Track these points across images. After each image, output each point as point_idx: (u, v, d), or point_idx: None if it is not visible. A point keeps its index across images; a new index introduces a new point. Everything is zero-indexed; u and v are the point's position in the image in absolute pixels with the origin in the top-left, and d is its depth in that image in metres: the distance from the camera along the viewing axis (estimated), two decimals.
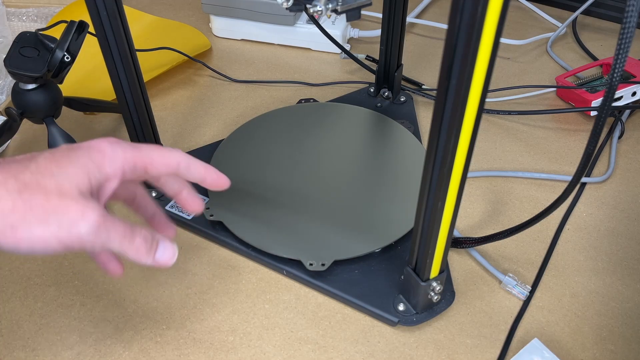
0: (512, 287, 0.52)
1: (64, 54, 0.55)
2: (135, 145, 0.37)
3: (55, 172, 0.33)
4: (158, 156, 0.38)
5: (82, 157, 0.34)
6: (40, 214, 0.31)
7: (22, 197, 0.31)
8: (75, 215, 0.32)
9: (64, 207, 0.32)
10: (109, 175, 0.35)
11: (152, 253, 0.36)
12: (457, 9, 0.30)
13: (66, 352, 0.47)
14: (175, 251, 0.38)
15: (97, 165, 0.35)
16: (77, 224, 0.32)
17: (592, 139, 0.37)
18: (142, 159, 0.37)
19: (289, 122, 0.68)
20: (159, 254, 0.37)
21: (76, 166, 0.34)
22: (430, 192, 0.40)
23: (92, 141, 0.36)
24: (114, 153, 0.35)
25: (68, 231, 0.32)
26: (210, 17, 0.87)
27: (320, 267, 0.51)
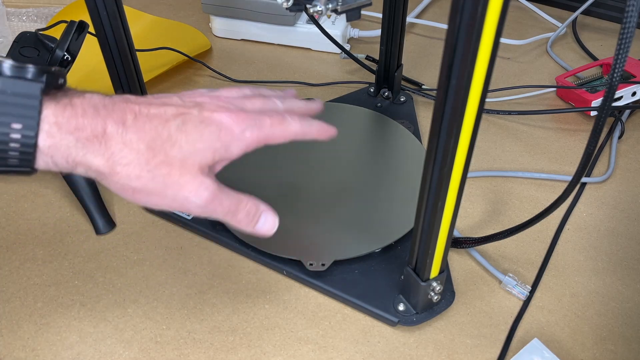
0: (512, 287, 0.52)
1: (64, 54, 0.55)
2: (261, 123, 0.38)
3: (183, 145, 0.35)
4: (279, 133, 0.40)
5: (212, 135, 0.36)
6: (160, 186, 0.35)
7: (149, 166, 0.34)
8: (190, 192, 0.35)
9: (182, 183, 0.35)
10: (233, 156, 0.38)
11: (252, 224, 0.40)
12: (457, 9, 0.30)
13: (66, 352, 0.47)
14: (276, 222, 0.41)
15: (224, 146, 0.37)
16: (189, 200, 0.35)
17: (592, 139, 0.37)
18: (265, 138, 0.39)
19: None
20: (259, 224, 0.40)
21: (204, 143, 0.36)
22: (430, 192, 0.40)
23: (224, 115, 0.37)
24: (242, 136, 0.37)
25: (180, 204, 0.36)
26: (210, 17, 0.87)
27: (320, 267, 0.51)
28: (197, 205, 0.36)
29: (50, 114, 0.31)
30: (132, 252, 0.56)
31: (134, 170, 0.34)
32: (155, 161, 0.34)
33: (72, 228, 0.58)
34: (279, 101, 0.43)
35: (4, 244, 0.56)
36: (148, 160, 0.34)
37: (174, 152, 0.35)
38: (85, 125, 0.32)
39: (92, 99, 0.33)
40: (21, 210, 0.59)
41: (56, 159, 0.32)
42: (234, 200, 0.38)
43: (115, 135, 0.33)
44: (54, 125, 0.32)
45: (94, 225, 0.57)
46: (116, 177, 0.34)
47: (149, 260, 0.55)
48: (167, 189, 0.35)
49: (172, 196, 0.35)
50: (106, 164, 0.33)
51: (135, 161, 0.34)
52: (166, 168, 0.35)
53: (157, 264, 0.54)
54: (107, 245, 0.56)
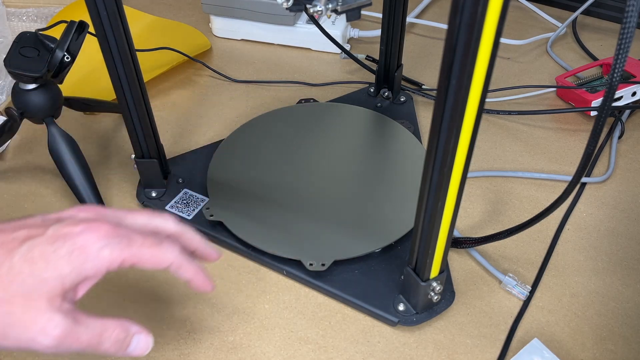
0: (512, 287, 0.52)
1: (64, 54, 0.55)
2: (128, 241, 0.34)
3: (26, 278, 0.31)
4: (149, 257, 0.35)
5: (60, 260, 0.32)
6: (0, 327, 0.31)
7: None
8: (35, 332, 0.31)
9: (26, 322, 0.31)
10: (89, 276, 0.33)
11: (123, 349, 0.36)
12: (457, 9, 0.30)
13: None
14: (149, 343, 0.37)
15: (76, 268, 0.32)
16: (35, 341, 0.31)
17: (592, 139, 0.37)
18: (131, 259, 0.34)
19: (289, 122, 0.68)
20: (131, 348, 0.36)
21: (51, 271, 0.32)
22: (430, 192, 0.40)
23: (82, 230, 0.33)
24: (99, 255, 0.33)
25: (27, 345, 0.31)
26: (210, 17, 0.87)
27: (320, 267, 0.51)
28: (46, 346, 0.31)
29: None
30: None
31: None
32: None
33: None
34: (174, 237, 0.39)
35: None
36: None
37: (13, 288, 0.31)
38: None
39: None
40: (21, 210, 0.59)
41: None
42: (95, 331, 0.34)
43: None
44: None
45: None
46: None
47: None
48: (8, 330, 0.31)
49: (15, 337, 0.31)
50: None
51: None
52: (5, 306, 0.31)
53: None
54: None
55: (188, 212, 0.57)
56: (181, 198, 0.59)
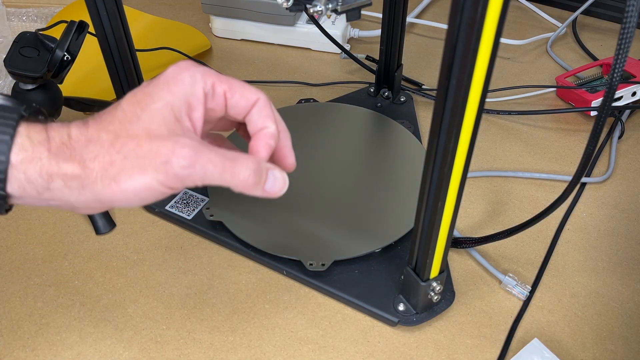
0: (512, 287, 0.52)
1: (64, 54, 0.55)
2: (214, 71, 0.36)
3: (140, 114, 0.32)
4: (238, 84, 0.36)
5: (162, 92, 0.33)
6: (135, 161, 0.31)
7: (116, 148, 0.31)
8: (167, 154, 0.31)
9: (155, 149, 0.31)
10: (193, 103, 0.34)
11: (260, 184, 0.35)
12: (457, 9, 0.30)
13: (66, 352, 0.47)
14: (286, 181, 0.36)
15: (179, 97, 0.33)
16: (170, 163, 0.31)
17: (592, 139, 0.37)
18: (221, 83, 0.35)
19: (288, 122, 0.68)
20: (268, 184, 0.35)
21: (158, 103, 0.33)
22: (430, 192, 0.40)
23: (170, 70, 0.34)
24: (193, 78, 0.34)
25: (165, 171, 0.31)
26: (210, 17, 0.87)
27: (320, 267, 0.51)
28: (182, 166, 0.32)
29: (23, 129, 0.31)
30: (132, 252, 0.56)
31: (105, 158, 0.32)
32: (120, 141, 0.32)
33: (72, 228, 0.58)
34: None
35: (4, 244, 0.56)
36: (112, 142, 0.32)
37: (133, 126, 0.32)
38: (53, 136, 0.32)
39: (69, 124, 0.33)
40: (21, 210, 0.59)
41: (29, 173, 0.31)
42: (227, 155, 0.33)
43: (79, 137, 0.32)
44: (26, 138, 0.31)
45: (94, 225, 0.57)
46: (92, 174, 0.32)
47: (149, 260, 0.55)
48: (143, 160, 0.31)
49: (152, 166, 0.31)
50: (78, 166, 0.32)
51: (102, 150, 0.32)
52: (132, 141, 0.32)
53: (157, 264, 0.54)
54: (107, 245, 0.56)
55: (188, 212, 0.58)
56: (181, 198, 0.59)
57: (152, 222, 0.58)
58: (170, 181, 0.32)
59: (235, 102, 0.35)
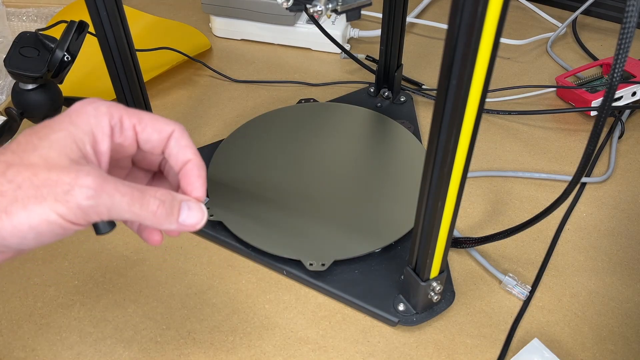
0: (512, 287, 0.52)
1: (64, 54, 0.55)
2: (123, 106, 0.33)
3: (37, 144, 0.29)
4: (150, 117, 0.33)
5: (63, 123, 0.30)
6: (30, 191, 0.28)
7: (7, 178, 0.28)
8: (69, 183, 0.28)
9: (54, 177, 0.28)
10: (98, 136, 0.31)
11: (174, 216, 0.32)
12: (457, 9, 0.30)
13: (66, 352, 0.47)
14: (205, 212, 0.34)
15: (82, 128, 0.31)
16: (72, 192, 0.28)
17: (592, 139, 0.37)
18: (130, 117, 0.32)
19: (289, 122, 0.68)
20: (182, 216, 0.33)
21: (59, 133, 0.30)
22: (430, 192, 0.40)
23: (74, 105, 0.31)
24: (98, 110, 0.31)
25: (66, 202, 0.28)
26: (210, 17, 0.87)
27: (320, 267, 0.51)
28: (88, 196, 0.28)
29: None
30: (132, 252, 0.56)
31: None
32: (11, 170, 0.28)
33: None
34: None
35: None
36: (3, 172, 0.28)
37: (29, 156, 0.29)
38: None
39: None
40: None
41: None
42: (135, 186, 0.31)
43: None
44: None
45: (93, 225, 0.57)
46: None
47: (149, 260, 0.55)
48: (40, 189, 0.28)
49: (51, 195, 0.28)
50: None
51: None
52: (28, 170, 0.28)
53: (157, 264, 0.54)
54: (107, 245, 0.56)
55: None
56: None
57: None
58: (72, 214, 0.29)
59: (147, 136, 0.33)
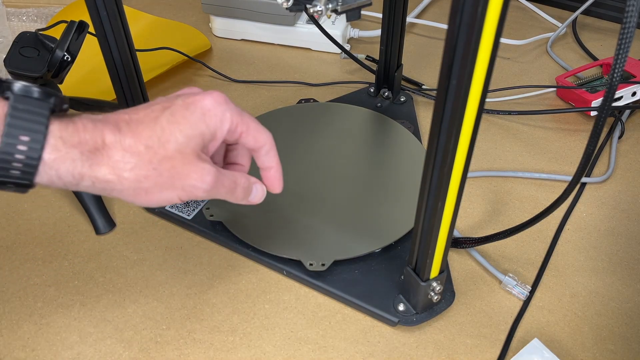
0: (512, 287, 0.52)
1: (64, 54, 0.55)
2: (239, 110, 0.41)
3: (177, 137, 0.36)
4: (255, 127, 0.41)
5: (199, 122, 0.37)
6: (168, 180, 0.36)
7: (153, 165, 0.36)
8: (195, 180, 0.37)
9: (186, 172, 0.37)
10: (217, 136, 0.39)
11: (247, 197, 0.43)
12: (457, 9, 0.30)
13: (66, 352, 0.47)
14: (264, 192, 0.44)
15: (210, 129, 0.38)
16: (196, 187, 0.37)
17: (592, 139, 0.37)
18: (242, 124, 0.40)
19: (289, 122, 0.68)
20: (252, 196, 0.43)
21: (192, 129, 0.37)
22: (430, 192, 0.40)
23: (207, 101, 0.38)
24: (224, 116, 0.39)
25: (189, 192, 0.37)
26: (210, 17, 0.87)
27: (320, 267, 0.51)
28: (204, 190, 0.38)
29: (55, 129, 0.33)
30: (132, 252, 0.56)
31: (141, 172, 0.35)
32: (157, 158, 0.36)
33: (72, 228, 0.58)
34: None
35: (4, 244, 0.56)
36: (150, 159, 0.35)
37: (170, 146, 0.36)
38: (87, 139, 0.34)
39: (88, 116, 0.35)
40: (21, 210, 0.59)
41: (61, 172, 0.33)
42: (231, 178, 0.40)
43: (115, 143, 0.35)
44: (59, 139, 0.33)
45: (94, 225, 0.57)
46: (126, 182, 0.35)
47: (149, 260, 0.55)
48: (174, 180, 0.37)
49: (180, 186, 0.37)
50: (112, 172, 0.35)
51: (140, 163, 0.35)
52: (168, 162, 0.36)
53: (157, 264, 0.54)
54: (107, 245, 0.56)
55: (188, 212, 0.57)
56: None
57: (152, 222, 0.58)
58: (189, 198, 0.38)
59: (246, 141, 0.41)
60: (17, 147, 0.32)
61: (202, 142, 0.38)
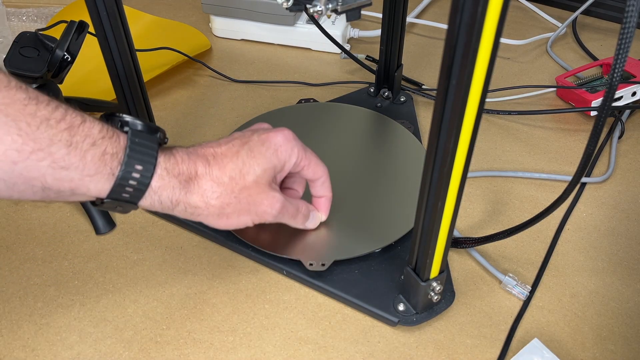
0: (512, 287, 0.52)
1: (64, 54, 0.55)
2: (304, 146, 0.47)
3: (255, 169, 0.43)
4: (315, 162, 0.48)
5: (272, 157, 0.44)
6: (245, 206, 0.43)
7: (234, 194, 0.42)
8: (267, 206, 0.44)
9: (260, 200, 0.43)
10: (285, 168, 0.46)
11: (305, 222, 0.50)
12: (457, 9, 0.30)
13: (66, 352, 0.47)
14: (319, 220, 0.53)
15: (281, 162, 0.45)
16: (267, 213, 0.44)
17: (592, 139, 0.37)
18: (305, 159, 0.47)
19: (289, 122, 0.68)
20: (308, 222, 0.51)
21: (267, 162, 0.44)
22: (430, 192, 0.40)
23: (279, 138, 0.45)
24: (292, 152, 0.45)
25: (260, 217, 0.44)
26: (210, 17, 0.87)
27: (320, 267, 0.51)
28: (273, 215, 0.44)
29: (161, 161, 0.39)
30: (132, 252, 0.56)
31: (225, 200, 0.42)
32: (237, 188, 0.42)
33: (72, 228, 0.58)
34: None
35: (4, 244, 0.56)
36: (232, 189, 0.42)
37: (249, 178, 0.42)
38: (184, 170, 0.40)
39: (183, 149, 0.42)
40: (21, 210, 0.59)
41: (163, 197, 0.39)
42: (294, 206, 0.47)
43: (205, 175, 0.41)
44: (164, 170, 0.39)
45: (94, 225, 0.57)
46: (212, 209, 0.41)
47: (149, 260, 0.55)
48: (250, 207, 0.43)
49: (254, 211, 0.43)
50: (201, 200, 0.41)
51: (224, 193, 0.41)
52: (246, 191, 0.42)
53: (157, 264, 0.54)
54: (107, 245, 0.56)
55: None
56: None
57: (152, 222, 0.58)
58: (260, 221, 0.45)
59: (306, 173, 0.48)
60: (132, 174, 0.37)
61: (274, 173, 0.44)
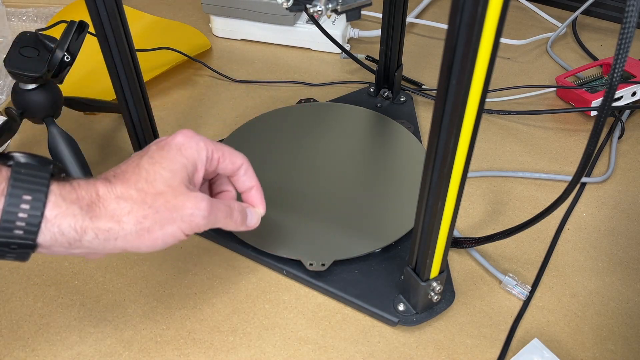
0: (512, 287, 0.52)
1: (64, 54, 0.55)
2: (211, 140, 0.43)
3: (162, 174, 0.39)
4: (229, 151, 0.44)
5: (177, 156, 0.40)
6: (166, 214, 0.38)
7: (147, 204, 0.37)
8: (192, 208, 0.39)
9: (181, 203, 0.38)
10: (198, 166, 0.41)
11: (245, 222, 0.45)
12: (457, 9, 0.30)
13: (66, 352, 0.47)
14: (259, 215, 0.47)
15: (190, 160, 0.40)
16: (195, 215, 0.39)
17: (592, 139, 0.37)
18: (217, 151, 0.42)
19: (289, 122, 0.68)
20: (248, 220, 0.45)
21: (177, 165, 0.39)
22: (430, 192, 0.40)
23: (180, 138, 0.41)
24: (199, 146, 0.41)
25: (189, 222, 0.39)
26: (210, 17, 0.87)
27: (320, 267, 0.51)
28: (203, 217, 0.39)
29: (55, 188, 0.35)
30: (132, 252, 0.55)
31: (138, 213, 0.37)
32: (149, 197, 0.38)
33: None
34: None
35: None
36: (144, 199, 0.37)
37: (158, 183, 0.38)
38: (83, 195, 0.36)
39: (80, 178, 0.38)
40: None
41: (63, 227, 0.35)
42: (225, 203, 0.42)
43: (108, 194, 0.37)
44: (59, 197, 0.35)
45: None
46: (126, 226, 0.37)
47: (149, 260, 0.55)
48: (172, 213, 0.38)
49: (179, 218, 0.38)
50: (111, 220, 0.36)
51: (135, 206, 0.37)
52: (161, 198, 0.38)
53: (157, 264, 0.54)
54: None
55: None
56: None
57: None
58: (191, 229, 0.39)
59: (224, 166, 0.44)
60: (21, 205, 0.34)
61: (187, 174, 0.40)
